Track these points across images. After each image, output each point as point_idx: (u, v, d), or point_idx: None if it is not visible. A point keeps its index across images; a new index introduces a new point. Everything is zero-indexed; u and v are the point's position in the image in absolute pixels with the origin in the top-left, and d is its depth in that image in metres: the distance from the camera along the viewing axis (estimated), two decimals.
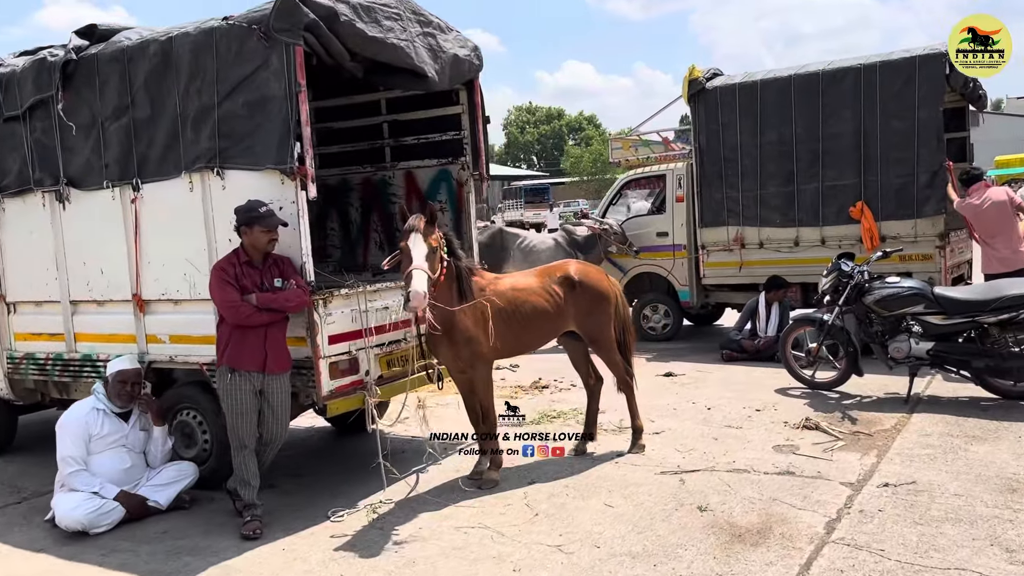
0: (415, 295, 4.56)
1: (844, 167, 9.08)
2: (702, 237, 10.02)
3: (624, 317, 6.05)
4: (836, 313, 7.34)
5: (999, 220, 7.77)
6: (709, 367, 8.89)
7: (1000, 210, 7.75)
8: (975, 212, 7.90)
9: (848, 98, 8.97)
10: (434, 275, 4.75)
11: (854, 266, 7.31)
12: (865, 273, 7.16)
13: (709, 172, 9.89)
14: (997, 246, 7.85)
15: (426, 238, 4.75)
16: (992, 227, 7.84)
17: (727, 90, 9.69)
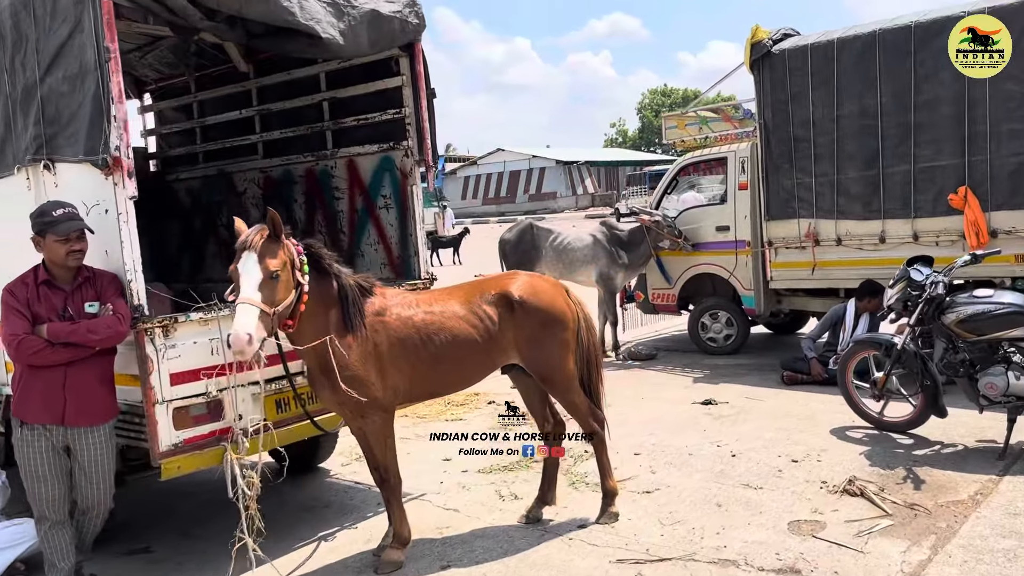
0: (235, 338, 3.43)
1: (943, 144, 7.20)
2: (768, 232, 8.36)
3: (589, 346, 4.67)
4: (908, 335, 5.64)
5: None
6: (764, 392, 7.29)
7: None
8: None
9: (948, 56, 7.08)
10: (274, 307, 3.60)
11: (929, 273, 5.58)
12: (940, 284, 5.42)
13: (776, 154, 8.21)
14: None
15: (263, 259, 3.60)
16: None
17: (797, 53, 7.97)
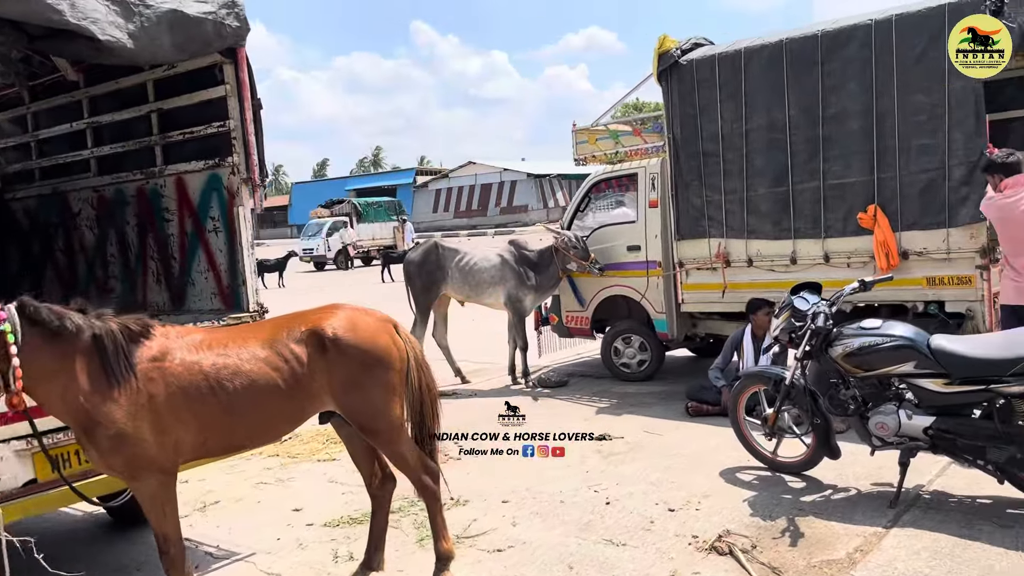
0: None
1: (852, 159, 6.79)
2: (679, 252, 7.90)
3: (422, 389, 4.13)
4: (796, 369, 5.17)
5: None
6: (665, 426, 6.80)
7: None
8: (1002, 214, 5.52)
9: (856, 67, 6.68)
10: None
11: (816, 302, 5.11)
12: (822, 315, 4.95)
13: (685, 170, 7.76)
14: (1021, 268, 5.46)
15: None
16: (1021, 240, 5.44)
17: (705, 63, 7.54)
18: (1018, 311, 5.58)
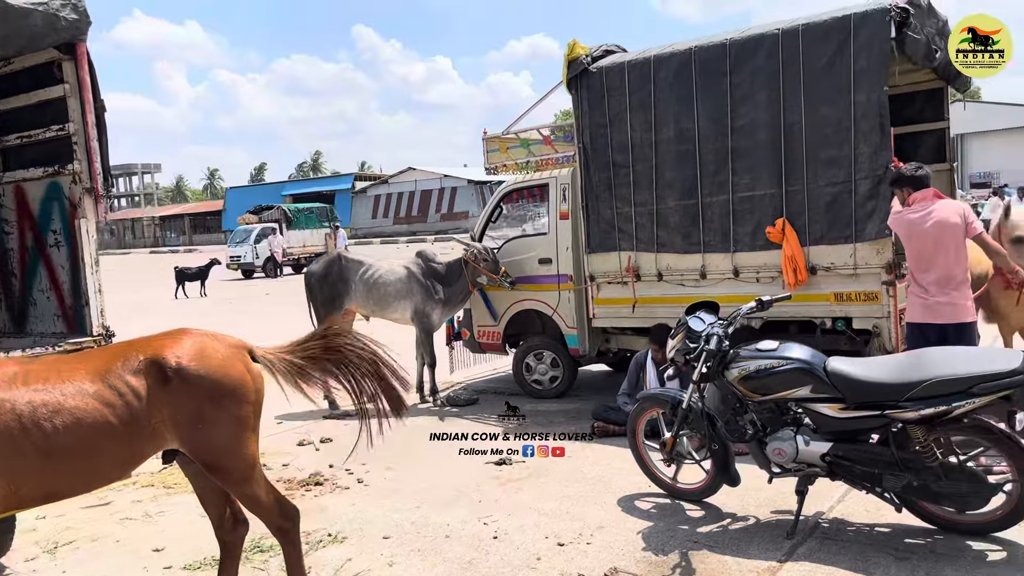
0: None
1: (760, 172, 6.62)
2: (590, 265, 7.64)
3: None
4: (693, 392, 4.93)
5: (939, 247, 5.24)
6: (571, 447, 6.49)
7: (944, 233, 5.22)
8: (909, 230, 5.38)
9: (763, 77, 6.51)
10: None
11: (713, 322, 4.89)
12: (715, 337, 4.72)
13: (596, 181, 7.51)
14: (928, 284, 5.32)
15: None
16: (928, 256, 5.31)
17: (614, 71, 7.30)
18: (924, 329, 5.44)
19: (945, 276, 5.27)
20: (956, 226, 5.19)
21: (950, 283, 5.27)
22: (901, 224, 5.43)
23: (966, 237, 5.24)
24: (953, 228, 5.20)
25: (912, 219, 5.32)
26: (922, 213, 5.28)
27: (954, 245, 5.23)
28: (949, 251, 5.24)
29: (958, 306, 5.28)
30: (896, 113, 7.49)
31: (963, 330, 5.33)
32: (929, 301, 5.35)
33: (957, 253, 5.27)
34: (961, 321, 5.30)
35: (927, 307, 5.37)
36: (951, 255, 5.25)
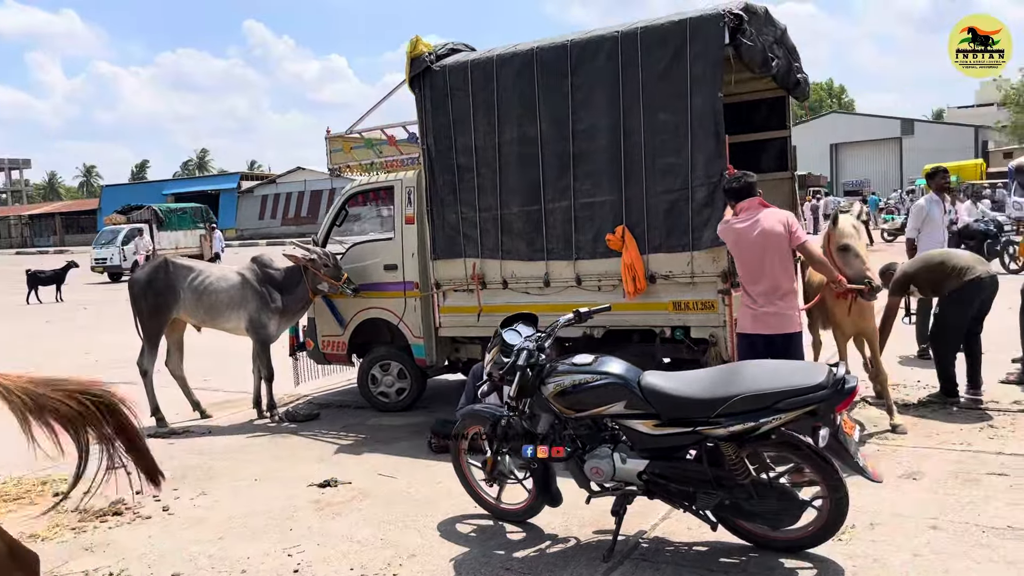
0: None
1: (601, 178, 6.47)
2: (436, 272, 7.34)
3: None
4: (511, 409, 4.68)
5: (766, 257, 5.20)
6: (405, 465, 6.19)
7: (769, 242, 5.18)
8: (737, 239, 5.33)
9: (603, 80, 6.37)
10: None
11: (529, 335, 4.66)
12: (525, 352, 4.49)
13: (440, 184, 7.22)
14: (757, 295, 5.29)
15: None
16: (755, 265, 5.27)
17: (458, 70, 7.03)
18: (753, 340, 5.38)
19: (772, 286, 5.23)
20: (780, 235, 5.16)
21: (776, 292, 5.23)
22: (728, 234, 5.36)
23: (790, 246, 5.21)
24: (777, 237, 5.16)
25: (739, 229, 5.25)
26: (749, 223, 5.22)
27: (779, 254, 5.20)
28: (775, 260, 5.20)
29: (784, 316, 5.25)
30: (740, 121, 7.56)
31: (790, 340, 5.31)
32: (757, 311, 5.30)
33: (783, 262, 5.23)
34: (787, 332, 5.27)
35: (755, 317, 5.32)
36: (777, 265, 5.21)
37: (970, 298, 6.55)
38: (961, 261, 6.62)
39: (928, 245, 8.42)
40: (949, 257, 6.77)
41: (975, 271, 6.50)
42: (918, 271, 6.82)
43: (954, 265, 6.58)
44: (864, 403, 7.15)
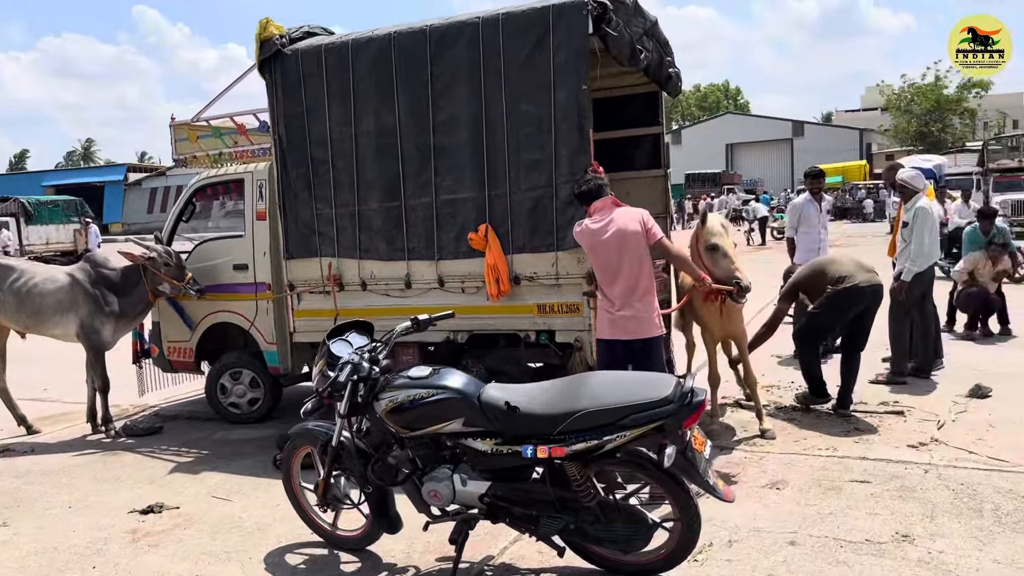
0: None
1: (463, 173, 6.07)
2: (290, 272, 6.80)
3: None
4: (341, 426, 4.22)
5: (623, 257, 4.93)
6: (245, 484, 5.65)
7: (626, 241, 4.90)
8: (592, 241, 5.03)
9: (465, 69, 5.96)
10: None
11: (361, 347, 4.22)
12: (349, 366, 4.05)
13: (294, 178, 6.68)
14: (614, 297, 5.01)
15: None
16: (613, 266, 4.98)
17: (311, 55, 6.49)
18: (612, 345, 5.09)
19: (630, 287, 4.95)
20: (636, 233, 4.88)
21: (634, 294, 4.95)
22: (584, 236, 5.05)
23: (647, 244, 4.94)
24: (634, 236, 4.88)
25: (593, 229, 4.95)
26: (603, 223, 4.92)
27: (637, 254, 4.92)
28: (632, 260, 4.92)
29: (642, 320, 4.97)
30: (613, 117, 7.30)
31: (649, 345, 5.03)
32: (615, 315, 5.01)
33: (640, 262, 4.96)
34: (646, 336, 4.99)
35: (613, 322, 5.03)
36: (635, 264, 4.93)
37: (842, 305, 6.39)
38: (842, 269, 6.45)
39: (806, 244, 8.40)
40: (831, 264, 6.63)
41: (854, 279, 6.32)
42: (805, 279, 6.69)
43: (834, 272, 6.45)
44: (737, 406, 7.01)
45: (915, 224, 7.30)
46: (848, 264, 6.54)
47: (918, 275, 7.36)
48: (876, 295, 6.41)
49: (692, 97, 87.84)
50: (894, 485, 5.03)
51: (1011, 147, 28.32)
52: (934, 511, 4.60)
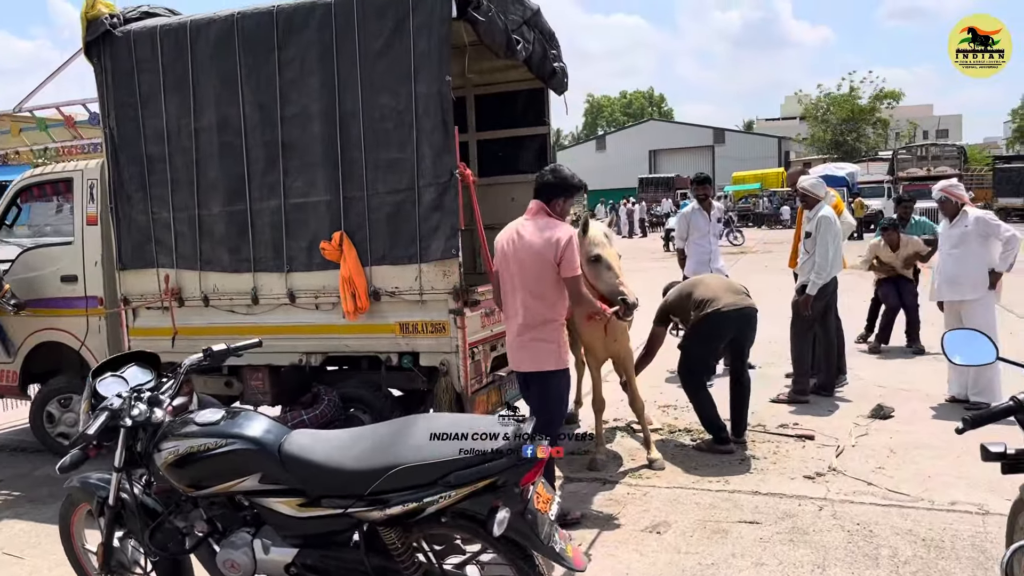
0: None
1: (316, 173, 5.35)
2: (124, 285, 5.95)
3: None
4: (117, 482, 3.46)
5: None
6: (56, 536, 4.77)
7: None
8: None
9: (316, 55, 5.24)
10: None
11: (141, 384, 3.47)
12: (107, 411, 3.29)
13: (127, 177, 5.85)
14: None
15: None
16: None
17: (145, 38, 5.69)
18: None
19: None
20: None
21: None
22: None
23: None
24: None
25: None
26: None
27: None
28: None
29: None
30: (496, 115, 6.71)
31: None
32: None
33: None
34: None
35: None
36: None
37: (709, 332, 5.79)
38: (707, 292, 5.83)
39: (697, 255, 7.93)
40: (696, 287, 5.99)
41: (717, 303, 5.71)
42: (672, 303, 6.09)
43: (698, 296, 5.85)
44: (629, 430, 6.47)
45: (818, 234, 6.89)
46: (714, 286, 5.92)
47: (822, 288, 6.95)
48: (744, 319, 5.79)
49: (618, 104, 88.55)
50: (786, 526, 4.52)
51: (919, 156, 28.94)
52: (826, 559, 4.09)
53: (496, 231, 6.89)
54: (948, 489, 4.96)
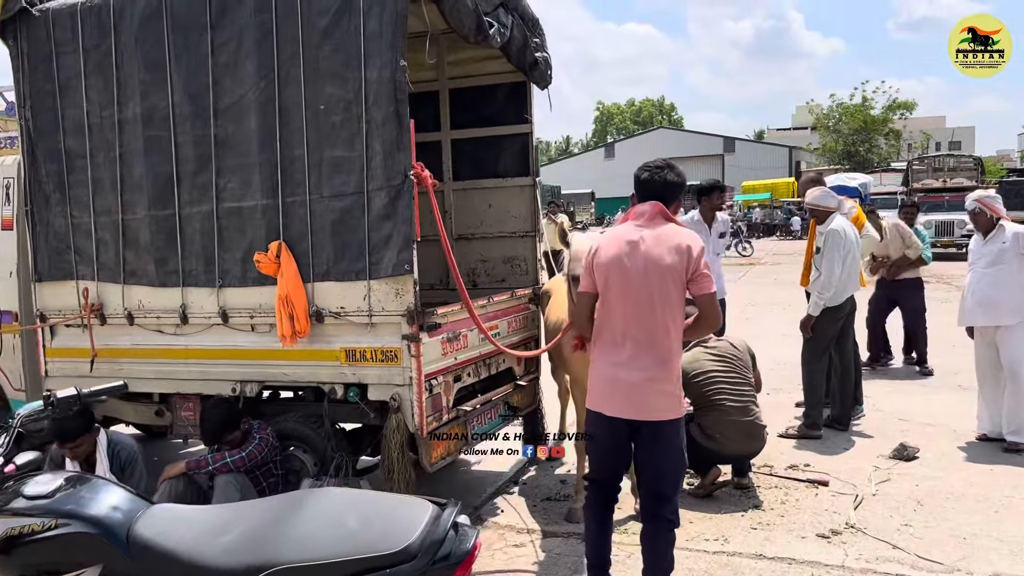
0: None
1: (251, 173, 4.61)
2: (40, 299, 5.22)
3: None
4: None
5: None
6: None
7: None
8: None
9: (253, 38, 4.51)
10: None
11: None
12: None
13: (45, 175, 5.13)
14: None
15: None
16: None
17: (65, 17, 4.97)
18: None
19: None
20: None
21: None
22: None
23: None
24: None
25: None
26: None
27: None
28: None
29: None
30: (473, 111, 5.98)
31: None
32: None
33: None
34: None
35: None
36: None
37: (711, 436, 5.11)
38: (718, 428, 5.12)
39: None
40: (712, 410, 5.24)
41: (724, 442, 5.08)
42: None
43: (707, 427, 5.13)
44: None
45: (825, 249, 6.13)
46: (732, 435, 5.15)
47: (831, 310, 6.18)
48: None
49: (628, 111, 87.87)
50: None
51: (935, 168, 28.09)
52: None
53: (472, 241, 6.25)
54: (988, 555, 4.19)
